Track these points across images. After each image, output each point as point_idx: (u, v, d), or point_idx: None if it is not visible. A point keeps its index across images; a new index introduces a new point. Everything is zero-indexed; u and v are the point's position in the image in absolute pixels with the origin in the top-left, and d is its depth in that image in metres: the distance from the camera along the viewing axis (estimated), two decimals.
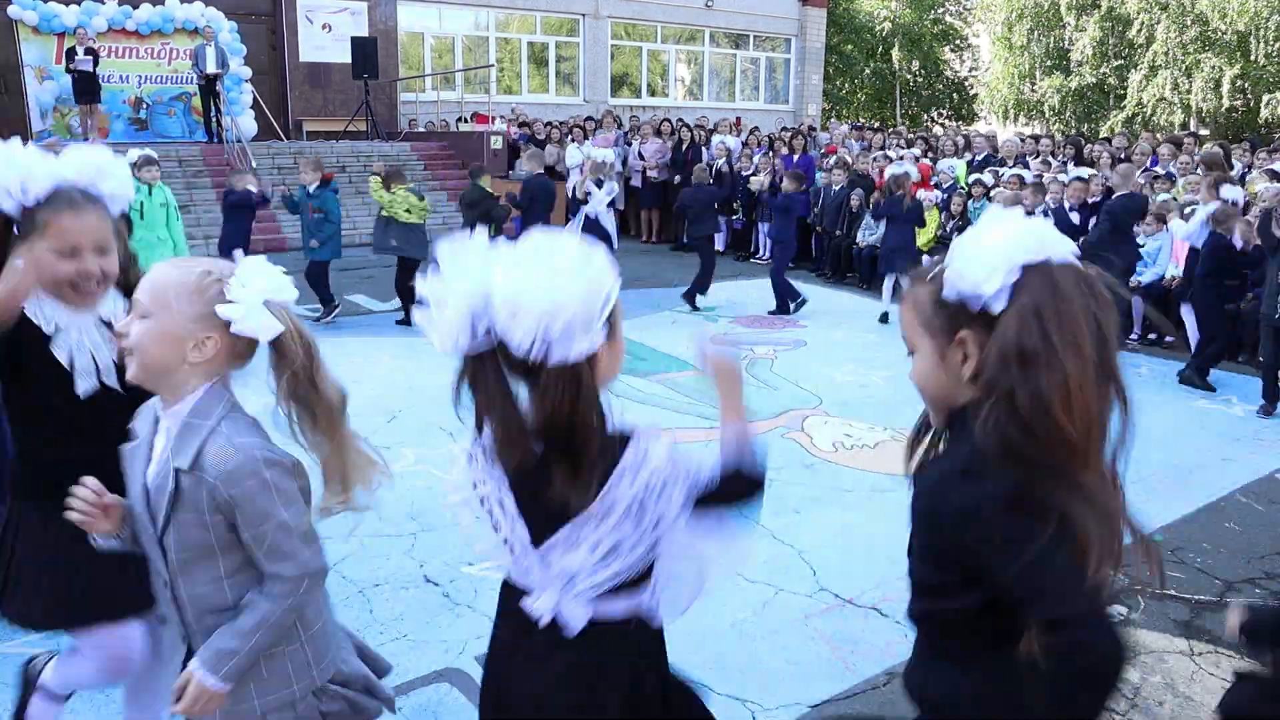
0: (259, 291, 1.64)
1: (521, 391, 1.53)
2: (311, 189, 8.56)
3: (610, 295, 1.46)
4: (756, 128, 16.06)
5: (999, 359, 1.26)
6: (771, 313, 9.25)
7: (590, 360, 1.46)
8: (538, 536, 1.55)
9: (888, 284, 9.04)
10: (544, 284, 1.40)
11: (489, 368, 1.49)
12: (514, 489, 1.55)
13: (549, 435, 1.47)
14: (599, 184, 9.93)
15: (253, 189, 8.64)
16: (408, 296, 8.21)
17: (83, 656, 2.35)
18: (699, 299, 9.44)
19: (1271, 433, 6.02)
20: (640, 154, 14.58)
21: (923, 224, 9.43)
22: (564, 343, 1.42)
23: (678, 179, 13.83)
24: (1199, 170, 9.50)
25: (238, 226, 8.65)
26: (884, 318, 8.96)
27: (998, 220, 1.35)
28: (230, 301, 1.63)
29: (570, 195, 11.28)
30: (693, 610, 2.29)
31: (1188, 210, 8.09)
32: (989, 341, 1.29)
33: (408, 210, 8.33)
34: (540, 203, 9.25)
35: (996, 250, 1.29)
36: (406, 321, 8.24)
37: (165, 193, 8.01)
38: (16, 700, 2.46)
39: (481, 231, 1.51)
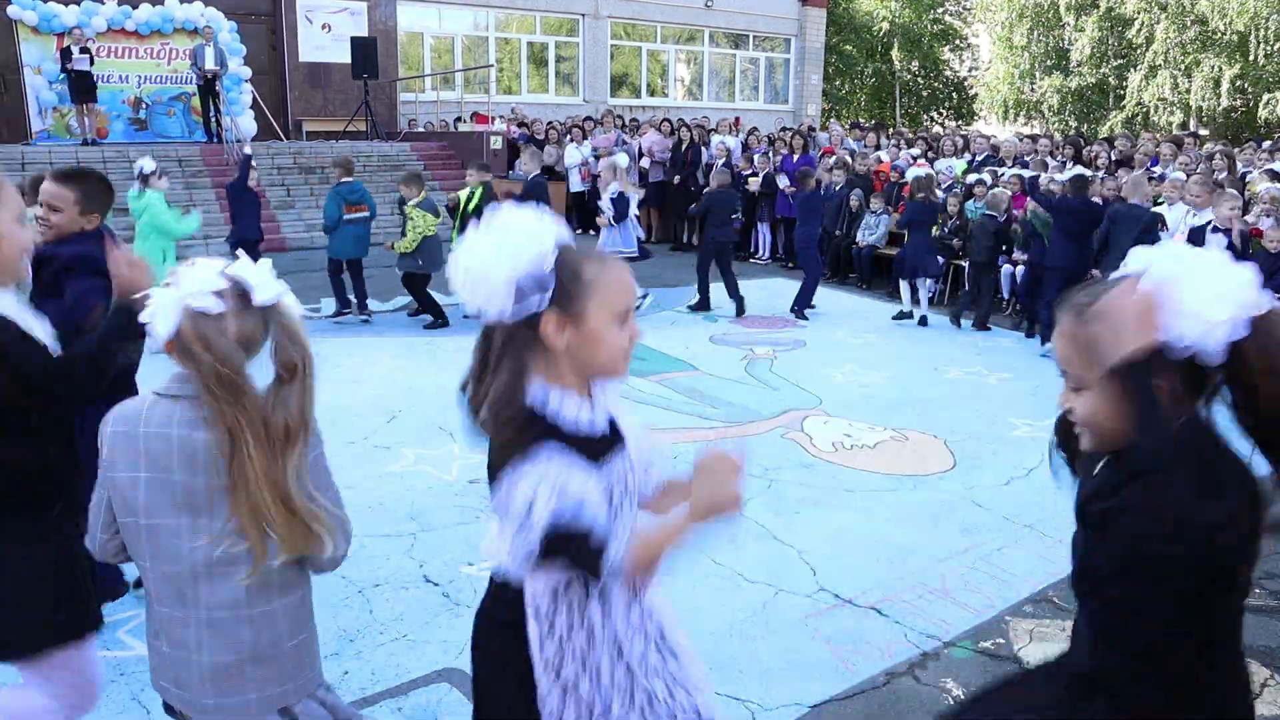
0: (179, 293, 1.63)
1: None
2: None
3: (537, 262, 1.51)
4: (755, 128, 16.06)
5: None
6: (794, 311, 9.21)
7: (533, 329, 1.55)
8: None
9: (923, 289, 9.02)
10: (488, 253, 1.51)
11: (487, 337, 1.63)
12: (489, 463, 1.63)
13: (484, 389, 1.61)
14: (616, 200, 9.31)
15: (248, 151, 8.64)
16: (429, 302, 8.42)
17: (32, 687, 2.18)
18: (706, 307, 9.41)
19: None
20: (641, 149, 14.56)
21: (936, 223, 9.46)
22: (492, 301, 1.52)
23: (677, 179, 13.83)
24: (1199, 169, 9.51)
25: (247, 221, 8.65)
26: (924, 320, 8.94)
27: (1211, 268, 1.35)
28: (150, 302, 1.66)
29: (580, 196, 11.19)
30: (693, 610, 2.30)
31: (1190, 215, 8.02)
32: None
33: (426, 230, 8.41)
34: (541, 203, 9.23)
35: (1222, 305, 1.30)
36: (434, 325, 8.40)
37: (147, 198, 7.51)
38: None
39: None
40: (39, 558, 2.12)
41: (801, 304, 9.19)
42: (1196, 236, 7.34)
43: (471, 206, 8.53)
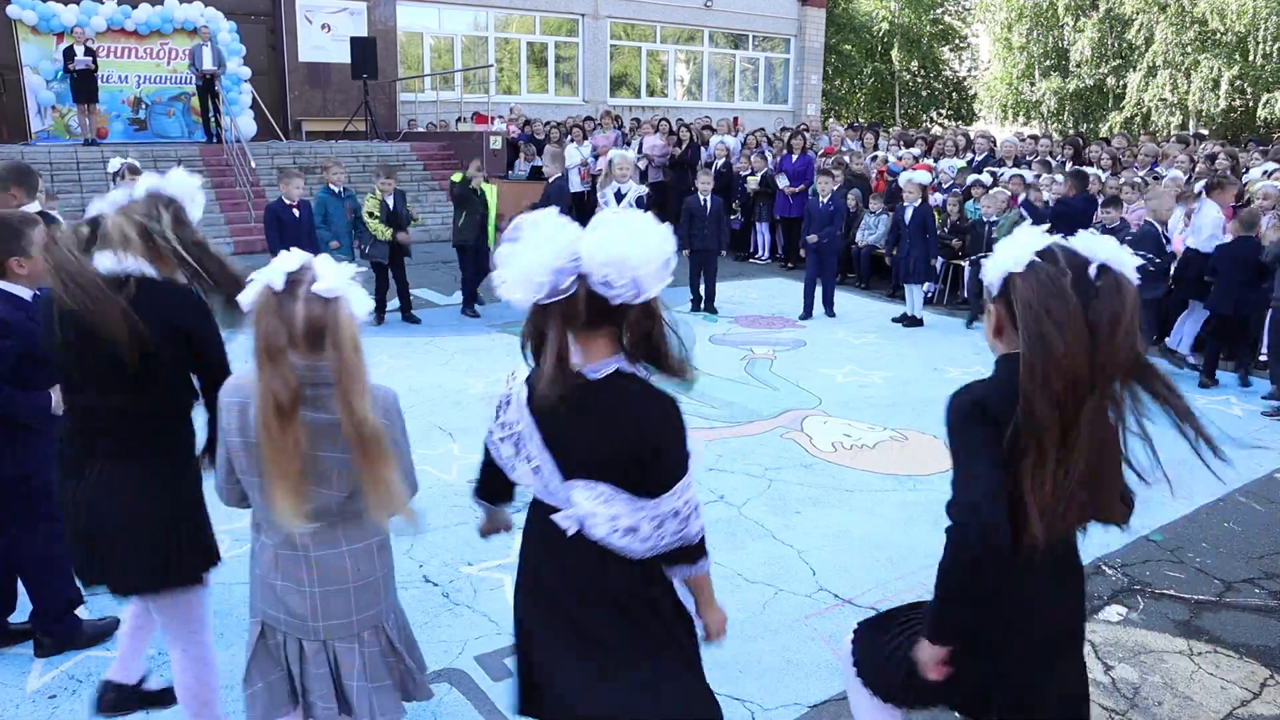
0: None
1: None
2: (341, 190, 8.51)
3: (671, 251, 1.88)
4: (762, 129, 16.04)
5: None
6: (803, 317, 9.14)
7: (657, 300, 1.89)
8: (566, 471, 1.93)
9: (917, 292, 9.03)
10: (633, 241, 1.80)
11: (552, 315, 1.84)
12: (540, 429, 1.93)
13: (636, 348, 1.91)
14: (619, 196, 9.02)
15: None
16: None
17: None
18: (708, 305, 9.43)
19: (1271, 433, 6.02)
20: (642, 148, 14.56)
21: (930, 227, 9.46)
22: (647, 283, 1.82)
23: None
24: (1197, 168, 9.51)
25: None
26: (918, 321, 8.98)
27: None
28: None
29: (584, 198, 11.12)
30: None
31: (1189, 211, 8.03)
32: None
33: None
34: (560, 206, 9.09)
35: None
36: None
37: None
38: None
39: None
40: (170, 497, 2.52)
41: (829, 303, 9.27)
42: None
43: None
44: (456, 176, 8.91)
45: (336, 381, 1.90)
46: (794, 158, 12.53)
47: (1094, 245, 1.82)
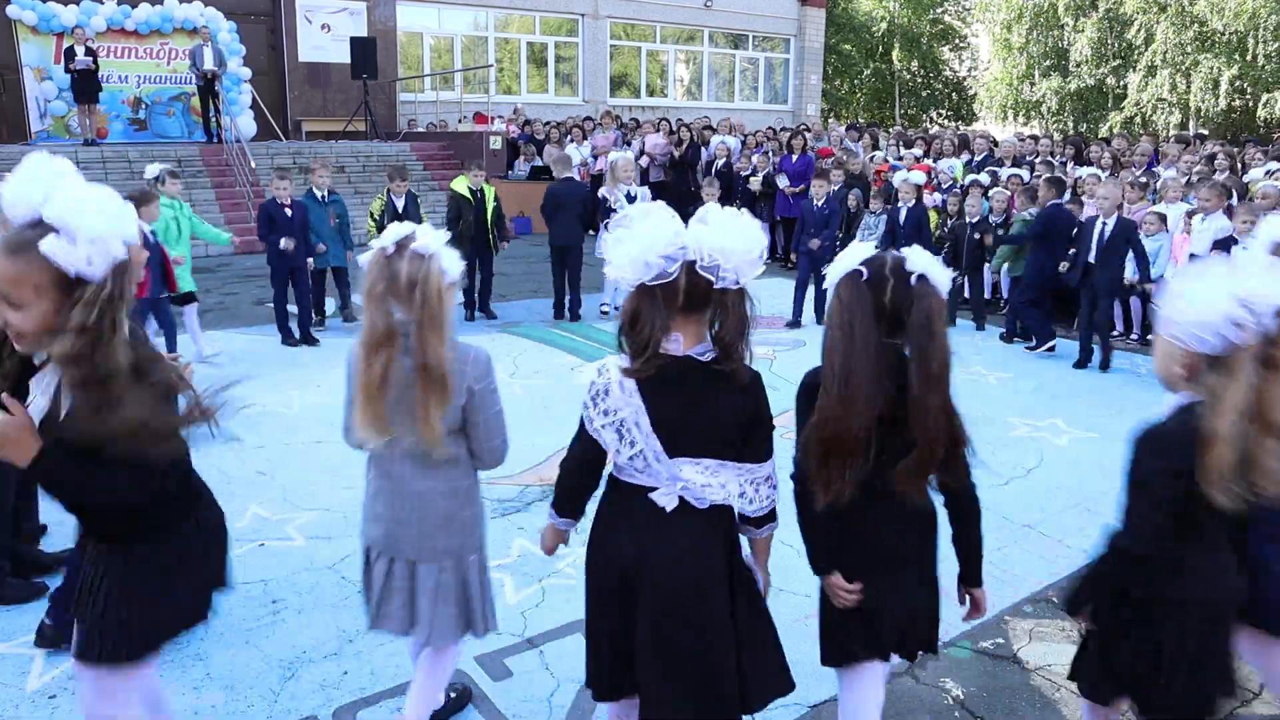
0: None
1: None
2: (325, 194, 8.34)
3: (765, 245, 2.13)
4: (771, 128, 16.03)
5: None
6: (790, 324, 9.12)
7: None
8: (673, 448, 2.13)
9: None
10: (737, 233, 2.06)
11: (655, 297, 2.07)
12: (650, 411, 2.11)
13: (727, 336, 2.10)
14: (630, 198, 8.76)
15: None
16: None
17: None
18: None
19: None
20: (644, 148, 14.57)
21: (923, 228, 9.44)
22: (745, 271, 2.08)
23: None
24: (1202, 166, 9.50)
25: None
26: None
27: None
28: None
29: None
30: None
31: (1197, 218, 7.97)
32: None
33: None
34: (574, 207, 8.98)
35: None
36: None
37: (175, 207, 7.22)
38: None
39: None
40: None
41: (821, 309, 9.23)
42: (1223, 246, 7.18)
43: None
44: (461, 184, 8.67)
45: (418, 322, 2.26)
46: (794, 158, 12.53)
47: (915, 257, 2.12)
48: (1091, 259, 7.42)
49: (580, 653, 3.33)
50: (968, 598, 2.52)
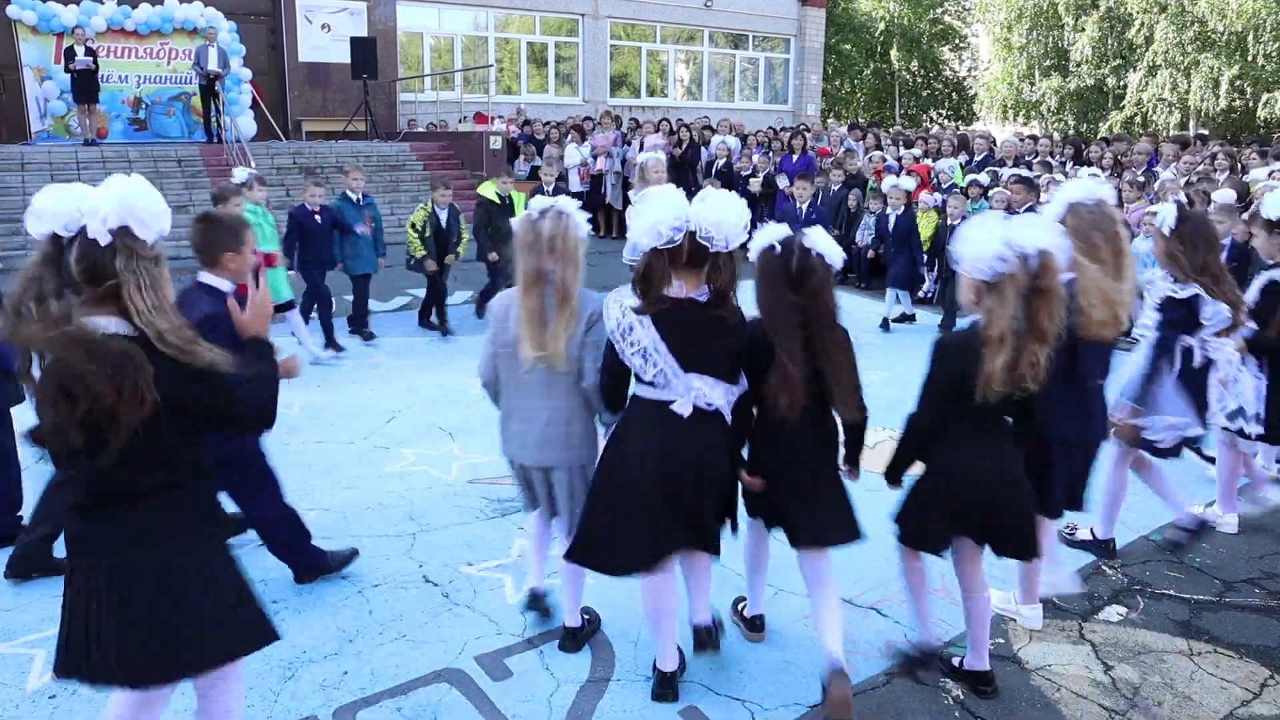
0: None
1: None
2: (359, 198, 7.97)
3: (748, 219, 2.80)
4: (771, 128, 16.02)
5: None
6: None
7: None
8: (685, 365, 2.77)
9: (903, 299, 9.09)
10: (729, 210, 2.73)
11: (663, 256, 2.73)
12: (664, 338, 2.75)
13: (719, 286, 2.77)
14: None
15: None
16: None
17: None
18: None
19: None
20: (643, 148, 14.55)
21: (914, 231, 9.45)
22: (733, 239, 2.74)
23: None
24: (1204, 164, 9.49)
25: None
26: (910, 318, 9.11)
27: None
28: None
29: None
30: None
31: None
32: None
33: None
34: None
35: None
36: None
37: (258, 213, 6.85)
38: None
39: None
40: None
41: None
42: None
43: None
44: (489, 189, 8.42)
45: (558, 266, 2.90)
46: (794, 158, 12.52)
47: (814, 237, 2.82)
48: None
49: (580, 652, 3.34)
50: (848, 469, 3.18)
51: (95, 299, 2.05)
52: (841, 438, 3.05)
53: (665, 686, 3.06)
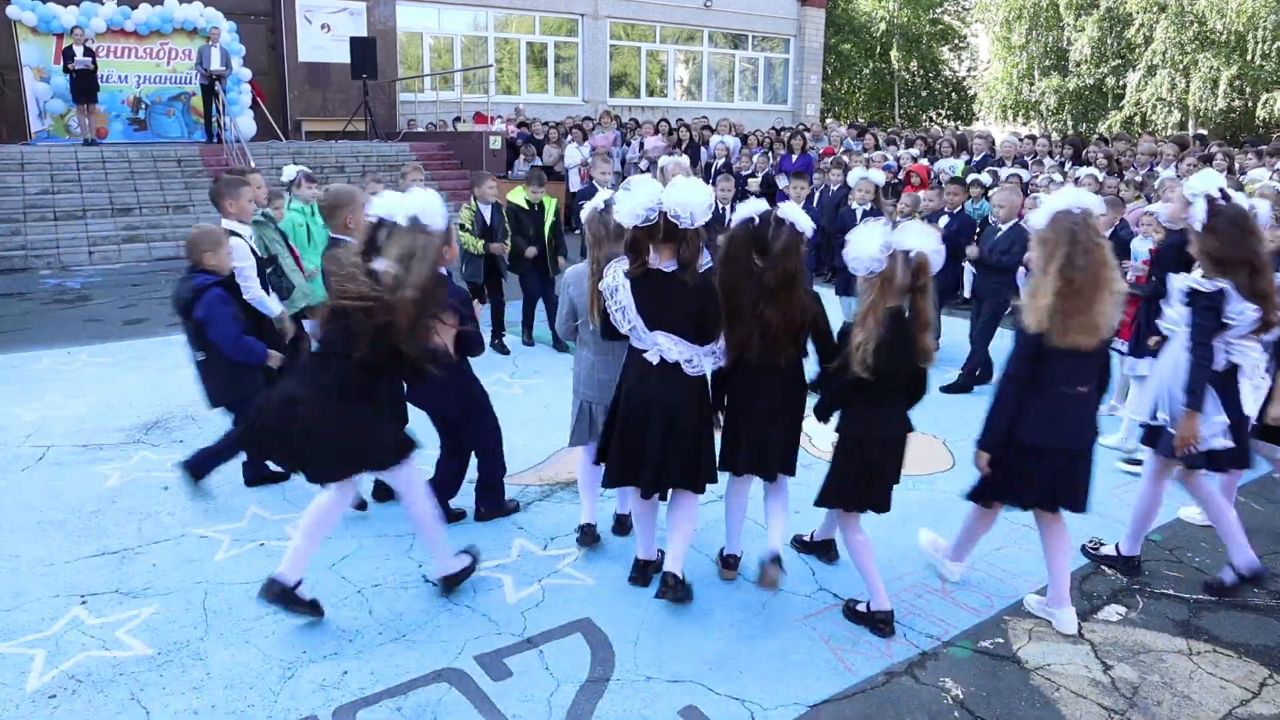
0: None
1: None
2: None
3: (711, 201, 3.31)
4: (772, 128, 16.02)
5: None
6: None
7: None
8: (651, 324, 3.34)
9: None
10: (694, 194, 3.24)
11: (645, 233, 3.27)
12: (636, 302, 3.31)
13: (686, 257, 3.31)
14: None
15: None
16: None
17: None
18: None
19: None
20: (642, 148, 14.57)
21: None
22: (698, 217, 3.26)
23: None
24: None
25: None
26: None
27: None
28: None
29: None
30: (693, 610, 2.29)
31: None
32: None
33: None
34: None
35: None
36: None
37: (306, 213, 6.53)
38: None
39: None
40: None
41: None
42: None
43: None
44: (518, 195, 8.08)
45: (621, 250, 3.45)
46: (794, 158, 12.52)
47: (786, 210, 3.41)
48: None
49: (580, 652, 3.35)
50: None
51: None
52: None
53: (636, 571, 3.82)
